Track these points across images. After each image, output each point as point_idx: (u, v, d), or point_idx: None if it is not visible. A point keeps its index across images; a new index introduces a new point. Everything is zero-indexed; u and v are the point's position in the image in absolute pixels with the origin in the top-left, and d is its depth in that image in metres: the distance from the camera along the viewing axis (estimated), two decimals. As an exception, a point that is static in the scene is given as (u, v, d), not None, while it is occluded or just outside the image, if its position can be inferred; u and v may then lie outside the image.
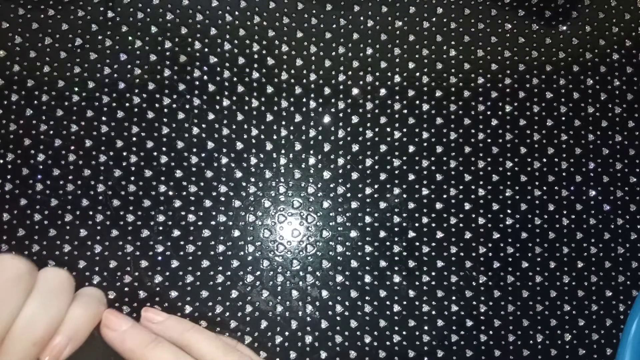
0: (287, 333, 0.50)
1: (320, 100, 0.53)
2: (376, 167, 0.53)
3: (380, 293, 0.51)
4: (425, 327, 0.51)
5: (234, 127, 0.52)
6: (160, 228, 0.51)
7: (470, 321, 0.52)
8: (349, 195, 0.52)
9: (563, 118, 0.55)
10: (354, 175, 0.53)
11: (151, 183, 0.51)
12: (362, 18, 0.55)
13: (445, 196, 0.53)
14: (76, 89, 0.51)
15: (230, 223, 0.51)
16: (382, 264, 0.52)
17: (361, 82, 0.54)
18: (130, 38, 0.53)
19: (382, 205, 0.52)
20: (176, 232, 0.51)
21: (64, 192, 0.50)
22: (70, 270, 0.50)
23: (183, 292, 0.50)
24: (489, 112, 0.54)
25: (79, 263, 0.50)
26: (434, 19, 0.55)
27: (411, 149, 0.53)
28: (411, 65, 0.55)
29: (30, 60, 0.52)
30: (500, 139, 0.54)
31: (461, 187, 0.53)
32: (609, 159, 0.54)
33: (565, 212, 0.53)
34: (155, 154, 0.51)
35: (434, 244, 0.52)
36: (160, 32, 0.53)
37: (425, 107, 0.54)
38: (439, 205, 0.53)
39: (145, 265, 0.50)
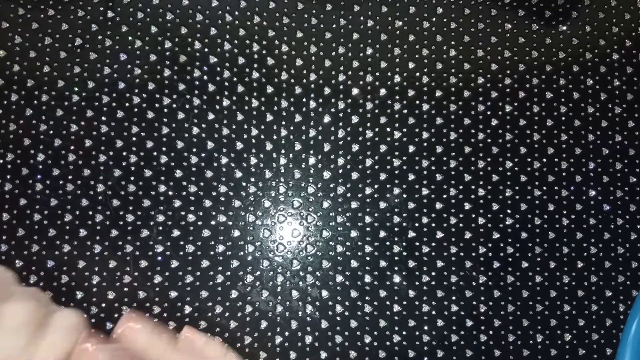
0: (287, 333, 0.50)
1: (320, 100, 0.53)
2: (376, 167, 0.53)
3: (380, 293, 0.51)
4: (425, 327, 0.51)
5: (234, 127, 0.52)
6: (160, 228, 0.51)
7: (470, 321, 0.52)
8: (349, 195, 0.52)
9: (563, 118, 0.55)
10: (354, 175, 0.53)
11: (151, 183, 0.51)
12: (362, 18, 0.55)
13: (445, 196, 0.53)
14: (76, 89, 0.51)
15: (230, 223, 0.51)
16: (382, 264, 0.52)
17: (361, 82, 0.54)
18: (130, 38, 0.53)
19: (382, 205, 0.52)
20: (176, 232, 0.51)
21: (64, 192, 0.50)
22: (70, 271, 0.50)
23: (183, 292, 0.50)
24: (489, 112, 0.54)
25: (79, 263, 0.50)
26: (434, 19, 0.55)
27: (411, 149, 0.53)
28: (411, 65, 0.55)
29: (30, 60, 0.52)
30: (500, 139, 0.54)
31: (461, 187, 0.53)
32: (609, 159, 0.54)
33: (565, 212, 0.53)
34: (155, 154, 0.51)
35: (434, 244, 0.52)
36: (160, 32, 0.53)
37: (425, 107, 0.54)
38: (439, 205, 0.53)
39: (145, 265, 0.50)
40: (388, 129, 0.53)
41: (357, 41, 0.54)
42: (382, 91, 0.54)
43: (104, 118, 0.51)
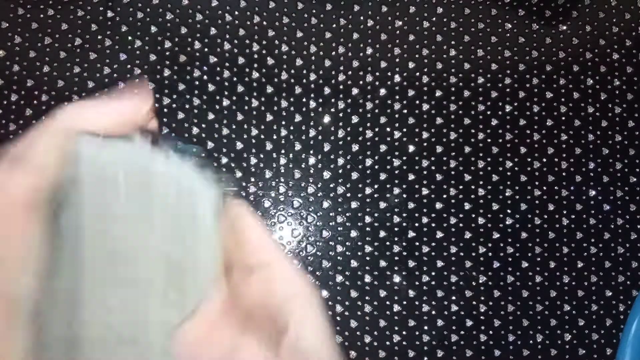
0: (287, 333, 0.50)
1: (320, 100, 0.53)
2: (376, 167, 0.53)
3: (380, 293, 0.51)
4: (425, 327, 0.51)
5: (234, 127, 0.52)
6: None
7: (470, 321, 0.52)
8: (349, 195, 0.52)
9: (563, 118, 0.55)
10: (354, 175, 0.53)
11: (151, 183, 0.51)
12: (362, 18, 0.55)
13: (445, 196, 0.53)
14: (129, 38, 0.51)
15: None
16: (382, 264, 0.52)
17: (361, 82, 0.54)
18: (130, 38, 0.53)
19: (382, 205, 0.52)
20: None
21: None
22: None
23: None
24: (489, 112, 0.54)
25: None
26: (434, 19, 0.55)
27: (411, 149, 0.53)
28: (411, 65, 0.55)
29: (30, 60, 0.52)
30: (500, 139, 0.54)
31: (461, 187, 0.53)
32: (609, 159, 0.54)
33: (565, 212, 0.53)
34: (155, 154, 0.52)
35: (434, 244, 0.52)
36: (160, 32, 0.53)
37: (425, 107, 0.54)
38: (439, 205, 0.53)
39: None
40: (388, 129, 0.53)
41: (357, 41, 0.54)
42: (382, 91, 0.54)
43: (104, 118, 0.51)
